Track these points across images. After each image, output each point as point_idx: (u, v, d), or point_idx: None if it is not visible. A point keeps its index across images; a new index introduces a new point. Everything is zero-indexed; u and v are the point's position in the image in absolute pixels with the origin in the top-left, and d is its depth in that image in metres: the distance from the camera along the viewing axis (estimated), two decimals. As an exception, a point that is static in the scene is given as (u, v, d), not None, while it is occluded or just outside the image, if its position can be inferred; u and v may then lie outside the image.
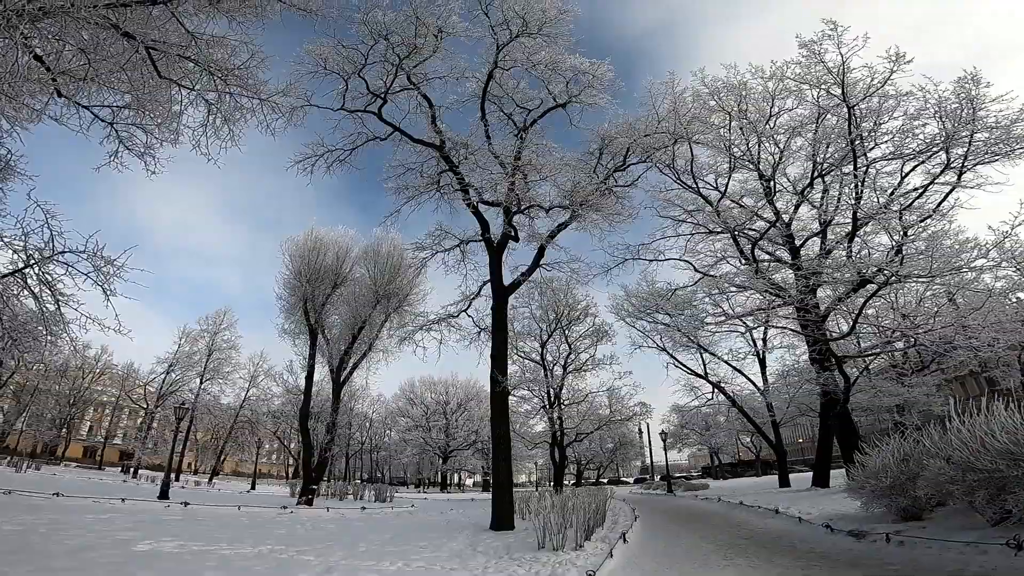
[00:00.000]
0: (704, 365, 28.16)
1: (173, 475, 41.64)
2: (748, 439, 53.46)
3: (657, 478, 53.26)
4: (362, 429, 69.97)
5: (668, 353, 26.88)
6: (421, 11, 13.86)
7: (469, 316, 17.52)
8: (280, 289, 30.02)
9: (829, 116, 17.94)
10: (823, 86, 17.40)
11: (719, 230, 20.19)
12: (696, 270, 21.46)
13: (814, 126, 18.34)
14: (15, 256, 9.35)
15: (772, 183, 19.86)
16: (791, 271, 19.01)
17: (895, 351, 22.43)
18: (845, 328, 20.28)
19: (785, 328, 23.02)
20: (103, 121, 9.39)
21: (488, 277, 16.04)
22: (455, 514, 21.03)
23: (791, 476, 25.62)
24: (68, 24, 6.96)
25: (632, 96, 16.69)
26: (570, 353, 35.25)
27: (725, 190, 20.39)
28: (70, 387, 55.22)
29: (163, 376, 46.03)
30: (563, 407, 35.09)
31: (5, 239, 9.28)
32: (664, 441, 39.87)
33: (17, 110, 8.59)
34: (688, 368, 28.17)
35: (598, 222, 16.18)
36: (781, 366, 28.79)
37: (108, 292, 9.53)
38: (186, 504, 17.44)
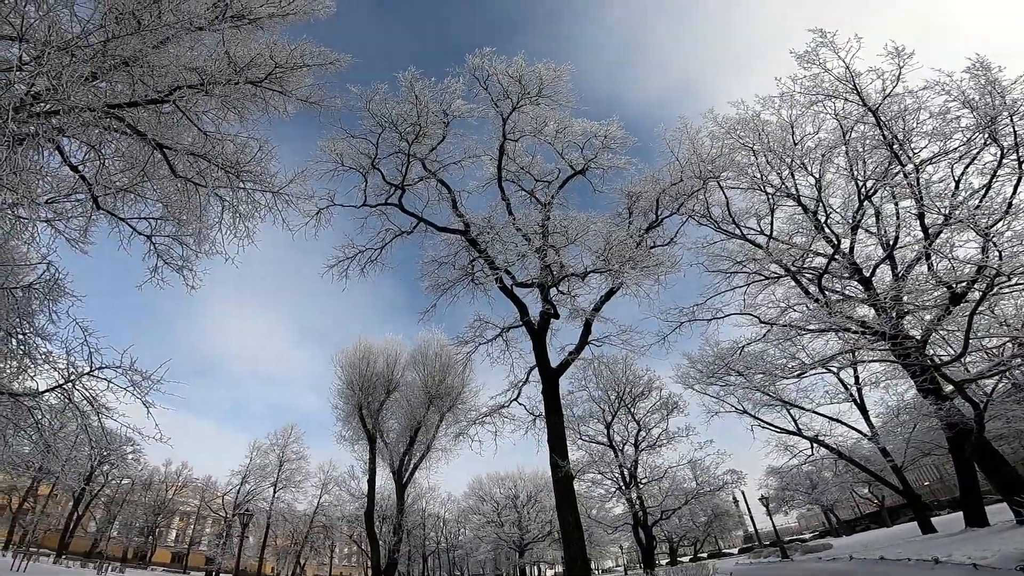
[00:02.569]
0: (795, 421, 25.13)
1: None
2: (866, 490, 46.73)
3: (766, 545, 46.88)
4: (436, 529, 68.43)
5: (751, 415, 24.22)
6: (423, 95, 14.17)
7: (521, 404, 16.83)
8: (335, 399, 30.81)
9: (856, 128, 16.51)
10: (838, 97, 16.22)
11: (777, 274, 18.53)
12: (762, 321, 19.60)
13: (844, 147, 16.95)
14: (58, 373, 9.69)
15: (818, 214, 18.27)
16: (868, 306, 16.86)
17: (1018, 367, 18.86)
18: (946, 352, 17.42)
19: (884, 360, 20.12)
20: (141, 235, 9.98)
21: (535, 362, 15.32)
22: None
23: (933, 520, 21.59)
24: (90, 129, 7.39)
25: (652, 157, 16.17)
26: (640, 430, 32.78)
27: (771, 232, 18.91)
28: (155, 498, 58.44)
29: (238, 487, 47.99)
30: (641, 486, 32.15)
31: (50, 358, 9.64)
32: (767, 506, 35.30)
33: (66, 226, 9.21)
34: (777, 427, 25.21)
35: (642, 281, 15.15)
36: (883, 408, 25.20)
37: (147, 404, 9.55)
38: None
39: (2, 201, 8.67)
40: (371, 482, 27.93)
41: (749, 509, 37.31)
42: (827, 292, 18.07)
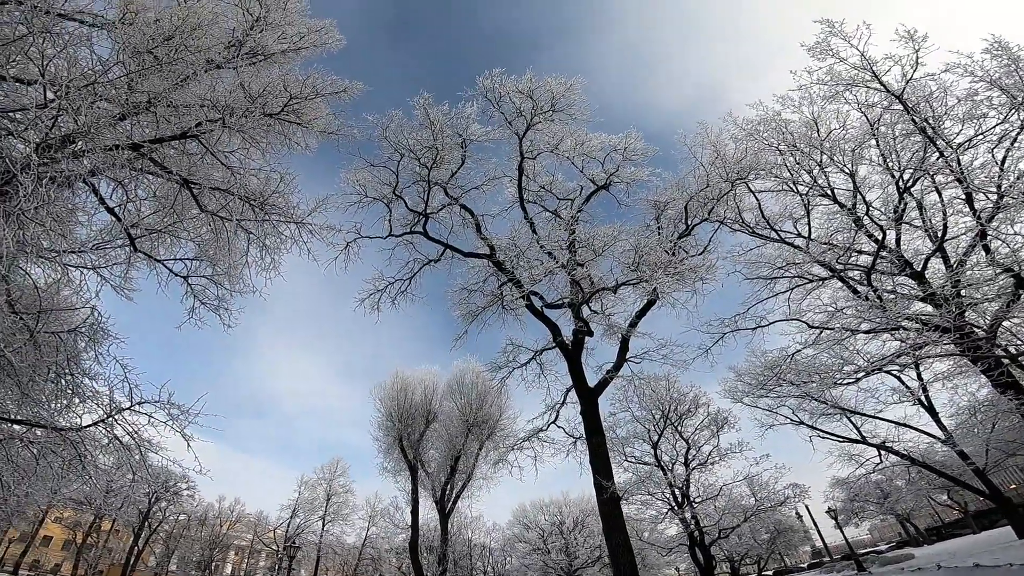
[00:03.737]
0: (857, 428, 23.39)
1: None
2: (945, 496, 43.18)
3: (836, 559, 43.69)
4: (483, 558, 67.35)
5: (808, 426, 22.68)
6: (437, 120, 14.19)
7: (560, 427, 16.29)
8: (376, 431, 31.17)
9: (883, 119, 15.53)
10: (858, 85, 15.34)
11: (820, 277, 17.48)
12: (810, 327, 18.44)
13: (874, 139, 16.03)
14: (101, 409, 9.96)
15: (856, 210, 17.21)
16: (923, 302, 15.58)
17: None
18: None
19: (949, 355, 18.47)
20: (178, 276, 10.32)
21: (571, 383, 14.85)
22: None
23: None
24: (121, 170, 7.69)
25: (676, 167, 15.63)
26: (689, 449, 31.33)
27: (809, 234, 17.94)
28: (210, 533, 60.31)
29: (288, 521, 48.82)
30: (695, 506, 30.57)
31: (96, 395, 9.95)
32: (835, 518, 33.07)
33: (111, 272, 9.58)
34: (838, 436, 23.49)
35: (678, 290, 14.47)
36: (953, 408, 23.16)
37: (186, 437, 9.66)
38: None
39: (50, 248, 9.21)
40: (414, 513, 27.82)
41: (815, 523, 34.96)
42: (877, 290, 16.87)
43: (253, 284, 10.60)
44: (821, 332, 17.75)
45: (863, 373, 18.45)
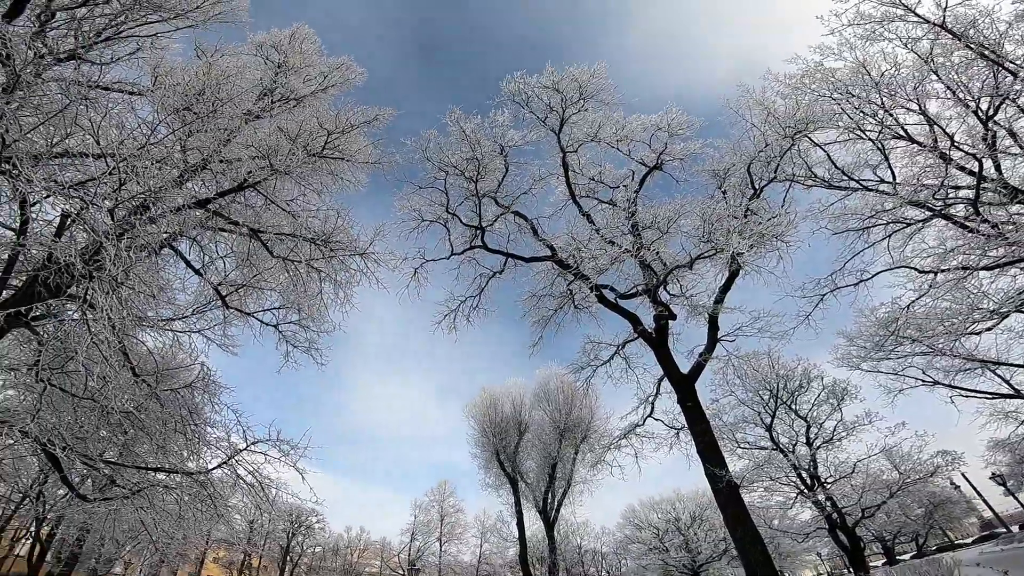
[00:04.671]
0: (1007, 381, 19.85)
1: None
2: None
3: (1015, 529, 37.70)
4: (595, 563, 65.97)
5: (944, 385, 19.62)
6: (473, 134, 14.15)
7: (657, 420, 15.44)
8: (473, 448, 31.82)
9: (935, 50, 13.15)
10: (893, 20, 13.11)
11: (919, 219, 15.15)
12: (920, 271, 16.00)
13: (933, 74, 13.63)
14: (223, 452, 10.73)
15: (939, 144, 14.72)
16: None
17: None
18: None
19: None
20: (269, 325, 11.02)
21: (661, 373, 14.02)
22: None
23: None
24: (200, 232, 8.34)
25: (728, 134, 14.30)
26: (809, 427, 28.45)
27: (894, 178, 15.66)
28: (343, 563, 64.64)
29: (408, 545, 51.13)
30: (827, 486, 27.57)
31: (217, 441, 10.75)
32: (1003, 484, 28.64)
33: (213, 332, 10.47)
34: (984, 392, 20.06)
35: (760, 255, 13.05)
36: None
37: (299, 470, 10.12)
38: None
39: (156, 318, 10.27)
40: (520, 525, 27.94)
41: (978, 492, 30.36)
42: (990, 222, 14.25)
43: (334, 321, 11.12)
44: (935, 276, 15.30)
45: (997, 317, 15.66)
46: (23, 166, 4.55)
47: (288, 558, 56.53)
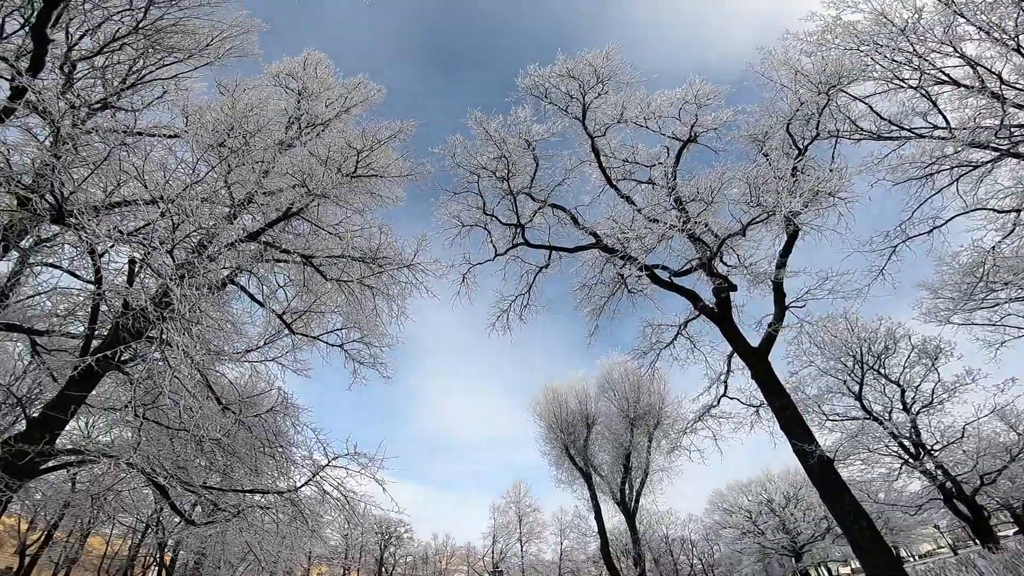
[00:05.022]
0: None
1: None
2: None
3: None
4: (685, 552, 63.92)
5: (1052, 331, 17.17)
6: (496, 133, 14.10)
7: (733, 398, 14.75)
8: (542, 446, 31.65)
9: None
10: None
11: (985, 160, 13.41)
12: (1000, 211, 14.19)
13: (959, 17, 12.03)
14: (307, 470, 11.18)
15: (987, 85, 12.94)
16: None
17: None
18: None
19: None
20: (334, 346, 11.51)
21: (730, 349, 13.31)
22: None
23: None
24: (257, 264, 8.79)
25: (758, 98, 13.57)
26: (903, 391, 25.94)
27: (948, 123, 14.06)
28: (433, 570, 66.74)
29: (490, 548, 51.86)
30: (934, 454, 25.04)
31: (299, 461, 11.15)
32: None
33: (286, 359, 11.05)
34: (1103, 335, 17.38)
35: (817, 214, 12.31)
36: None
37: (379, 481, 10.40)
38: None
39: (232, 350, 10.97)
40: (598, 519, 27.57)
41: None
42: None
43: (392, 335, 11.45)
44: (1019, 215, 13.43)
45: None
46: (86, 219, 4.97)
47: (383, 569, 59.05)
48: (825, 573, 63.31)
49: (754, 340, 12.90)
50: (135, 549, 38.40)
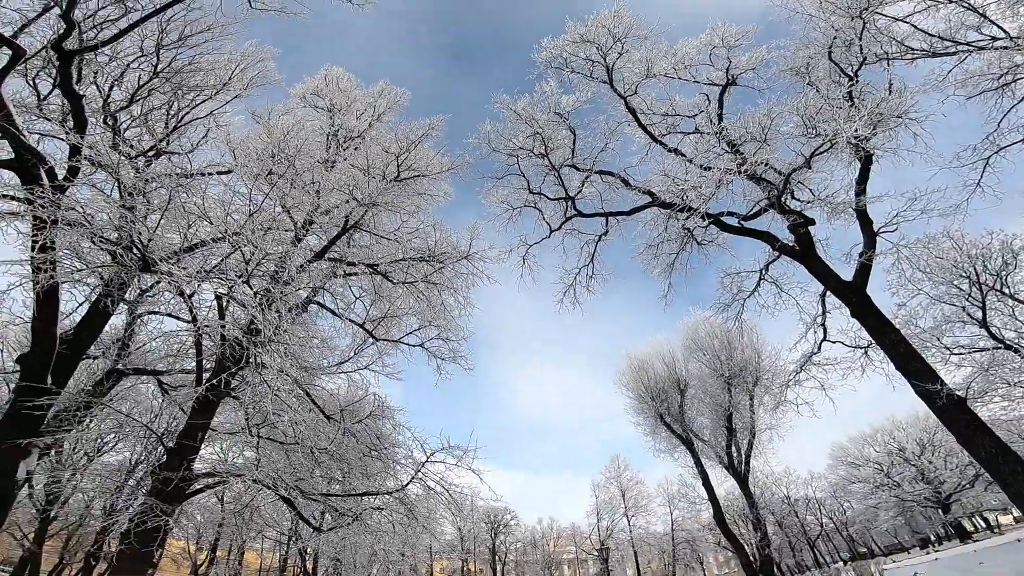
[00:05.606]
0: None
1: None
2: None
3: None
4: (812, 511, 59.85)
5: None
6: (524, 112, 13.91)
7: (835, 342, 13.56)
8: (634, 417, 30.79)
9: None
10: None
11: None
12: None
13: None
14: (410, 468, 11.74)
15: None
16: None
17: None
18: None
19: None
20: (415, 347, 11.97)
21: (821, 288, 12.22)
22: None
23: None
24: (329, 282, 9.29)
25: (790, 31, 12.46)
26: (1037, 310, 22.28)
27: (1007, 33, 11.79)
28: (542, 554, 68.38)
29: (595, 526, 52.10)
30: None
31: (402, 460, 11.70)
32: None
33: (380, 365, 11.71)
34: None
35: (886, 136, 11.21)
36: None
37: (474, 471, 10.66)
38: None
39: (328, 365, 11.76)
40: (707, 485, 26.53)
41: None
42: None
43: (465, 328, 11.75)
44: None
45: None
46: (169, 265, 5.53)
47: (496, 557, 61.57)
48: (982, 523, 56.95)
49: (846, 275, 11.81)
50: (283, 560, 43.16)
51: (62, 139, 7.77)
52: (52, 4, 7.56)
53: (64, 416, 8.04)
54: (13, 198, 6.92)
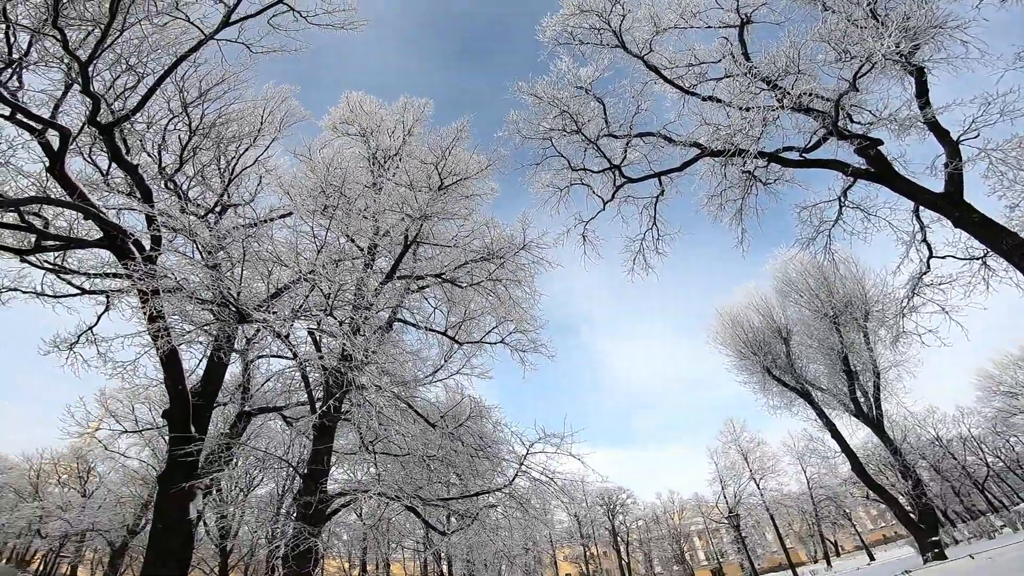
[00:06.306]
0: None
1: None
2: None
3: None
4: (972, 450, 52.60)
5: None
6: (544, 93, 13.65)
7: (944, 256, 12.35)
8: (738, 376, 28.88)
9: None
10: None
11: None
12: None
13: None
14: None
15: None
16: None
17: None
18: None
19: None
20: (497, 344, 12.35)
21: (911, 205, 11.12)
22: None
23: None
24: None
25: None
26: None
27: None
28: (667, 528, 66.69)
29: (720, 493, 49.65)
30: None
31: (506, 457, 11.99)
32: None
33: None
34: None
35: (932, 47, 10.36)
36: None
37: (574, 456, 10.59)
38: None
39: (423, 376, 12.44)
40: (836, 437, 24.32)
41: None
42: None
43: (539, 318, 11.90)
44: None
45: None
46: (264, 312, 6.25)
47: (618, 538, 61.10)
48: None
49: (937, 187, 10.74)
50: (424, 567, 46.27)
51: (136, 209, 8.76)
52: (71, 82, 8.17)
53: (212, 459, 9.27)
54: (116, 275, 8.07)
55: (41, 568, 48.45)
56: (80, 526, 33.95)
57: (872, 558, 42.55)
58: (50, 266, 9.19)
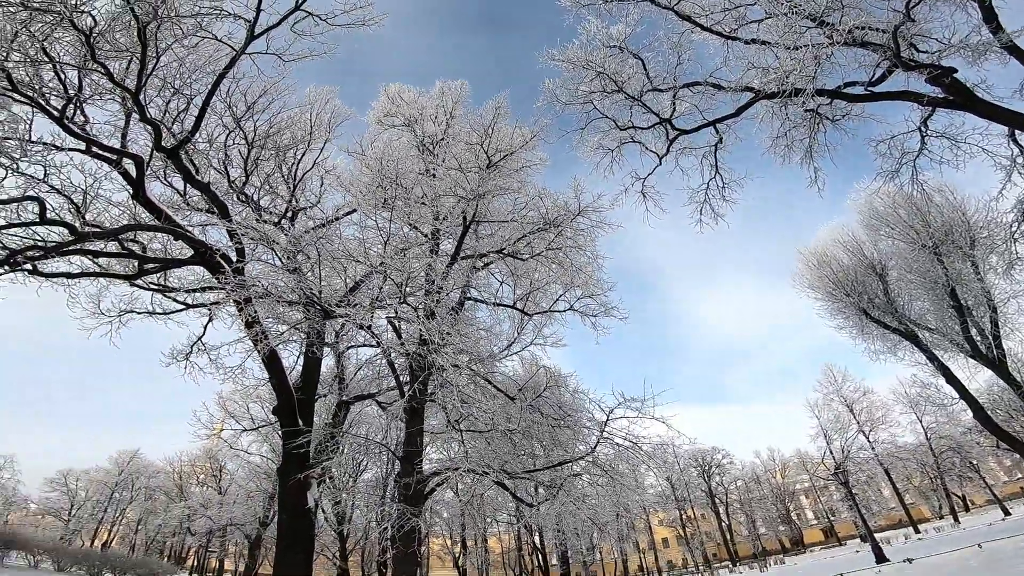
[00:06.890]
0: None
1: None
2: None
3: None
4: None
5: None
6: (576, 57, 13.11)
7: None
8: (830, 321, 26.24)
9: None
10: None
11: None
12: None
13: None
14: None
15: None
16: None
17: None
18: None
19: None
20: (567, 312, 12.50)
21: (1004, 130, 10.12)
22: None
23: None
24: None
25: None
26: None
27: None
28: (770, 488, 63.62)
29: (825, 449, 46.76)
30: None
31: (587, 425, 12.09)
32: None
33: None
34: None
35: None
36: None
37: (657, 418, 10.41)
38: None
39: (498, 351, 12.78)
40: (952, 381, 21.47)
41: None
42: None
43: (606, 281, 11.93)
44: None
45: None
46: (345, 307, 6.81)
47: (715, 500, 59.38)
48: None
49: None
50: (518, 539, 48.25)
51: (217, 224, 9.51)
52: (130, 111, 8.58)
53: (320, 448, 10.17)
54: (212, 288, 8.96)
55: (195, 564, 55.88)
56: (221, 521, 38.41)
57: (1007, 513, 38.34)
58: (155, 287, 10.15)
